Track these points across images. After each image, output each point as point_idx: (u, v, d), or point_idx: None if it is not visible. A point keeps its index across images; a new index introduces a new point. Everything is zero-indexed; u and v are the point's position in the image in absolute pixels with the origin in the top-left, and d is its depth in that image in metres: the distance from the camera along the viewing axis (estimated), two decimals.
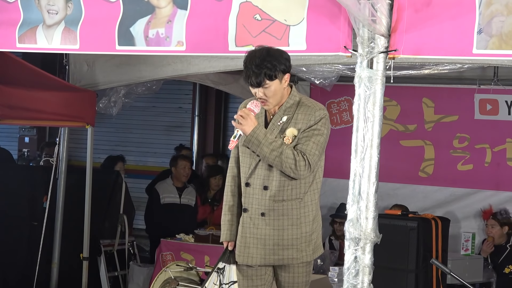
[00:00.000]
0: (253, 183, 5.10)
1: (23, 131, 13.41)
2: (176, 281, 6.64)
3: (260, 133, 4.96)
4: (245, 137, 4.99)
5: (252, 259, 5.12)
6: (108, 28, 5.74)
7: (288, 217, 5.07)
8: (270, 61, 4.93)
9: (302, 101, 5.12)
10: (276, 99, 5.04)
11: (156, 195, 9.65)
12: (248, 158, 5.13)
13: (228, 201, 5.27)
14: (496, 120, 9.18)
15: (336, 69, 8.11)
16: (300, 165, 4.94)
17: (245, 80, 5.01)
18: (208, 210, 9.88)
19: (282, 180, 5.04)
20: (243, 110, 5.03)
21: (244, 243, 5.14)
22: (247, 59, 4.98)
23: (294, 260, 5.09)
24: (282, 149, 4.94)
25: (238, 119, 4.98)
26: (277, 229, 5.07)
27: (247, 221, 5.13)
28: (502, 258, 8.54)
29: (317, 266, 7.70)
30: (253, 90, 5.02)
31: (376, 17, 4.80)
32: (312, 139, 5.01)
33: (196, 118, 12.71)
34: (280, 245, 5.08)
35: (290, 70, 5.05)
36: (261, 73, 4.93)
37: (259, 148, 4.96)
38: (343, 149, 5.56)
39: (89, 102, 7.85)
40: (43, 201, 8.26)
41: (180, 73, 7.41)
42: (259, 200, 5.08)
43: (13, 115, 7.29)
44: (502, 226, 8.62)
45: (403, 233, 7.14)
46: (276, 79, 4.98)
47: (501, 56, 4.77)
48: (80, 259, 8.08)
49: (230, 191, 5.28)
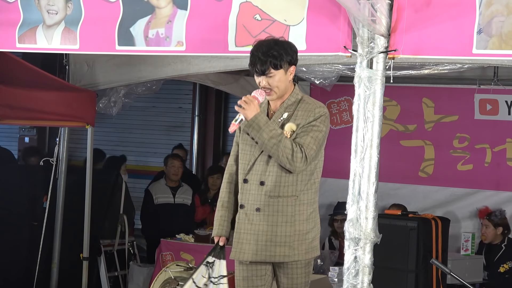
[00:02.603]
0: (251, 179, 5.10)
1: (23, 131, 13.41)
2: (176, 281, 6.64)
3: (262, 119, 4.96)
4: (247, 122, 4.99)
5: (244, 254, 5.12)
6: (108, 28, 5.74)
7: (282, 213, 5.07)
8: (277, 50, 4.95)
9: (303, 99, 5.13)
10: (280, 90, 5.05)
11: (150, 196, 9.65)
12: (248, 155, 5.14)
13: (223, 197, 5.29)
14: (496, 120, 9.19)
15: (336, 69, 8.12)
16: (297, 157, 4.94)
17: (250, 67, 5.01)
18: (208, 210, 9.87)
19: (279, 176, 5.04)
20: (247, 96, 5.03)
21: (238, 238, 5.14)
22: (254, 47, 4.99)
23: (286, 257, 5.07)
24: (281, 137, 4.95)
25: (241, 104, 4.98)
26: (271, 225, 5.07)
27: (242, 217, 5.14)
28: (497, 257, 8.54)
29: (317, 266, 7.71)
30: (258, 79, 5.02)
31: (376, 17, 4.80)
32: (310, 134, 5.01)
33: (196, 118, 12.71)
34: (272, 241, 5.07)
35: (296, 63, 5.05)
36: (267, 61, 4.93)
37: (259, 133, 4.95)
38: (343, 149, 5.56)
39: (89, 102, 7.86)
40: (43, 201, 8.27)
41: (180, 73, 7.41)
42: (255, 195, 5.09)
43: (13, 115, 7.30)
44: (496, 227, 8.62)
45: (403, 233, 7.14)
46: (281, 68, 4.98)
47: (501, 56, 4.77)
48: (80, 259, 8.09)
49: (226, 188, 5.29)
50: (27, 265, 8.35)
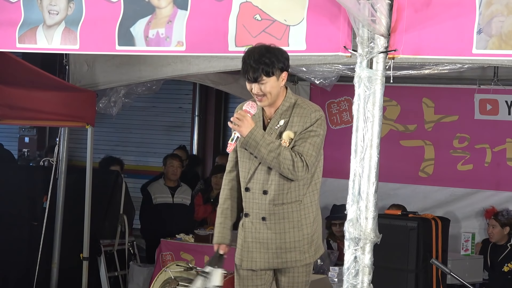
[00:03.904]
0: (253, 187, 5.10)
1: (23, 131, 13.41)
2: (176, 281, 6.64)
3: (258, 134, 4.95)
4: (243, 139, 4.98)
5: (256, 263, 5.13)
6: (108, 28, 5.74)
7: (289, 220, 5.07)
8: (269, 57, 4.93)
9: (297, 103, 5.11)
10: (272, 96, 5.03)
11: (148, 196, 9.65)
12: (247, 163, 5.13)
13: (222, 203, 5.28)
14: (496, 120, 9.19)
15: (336, 69, 8.11)
16: (298, 166, 4.94)
17: (243, 75, 5.00)
18: (209, 210, 9.87)
19: (281, 183, 5.04)
20: (239, 112, 5.03)
21: (247, 248, 5.14)
22: (246, 55, 4.98)
23: (298, 262, 5.10)
24: (280, 150, 4.94)
25: (234, 121, 4.97)
26: (279, 232, 5.08)
27: (248, 225, 5.14)
28: (502, 256, 8.53)
29: (317, 266, 7.70)
30: (249, 85, 5.01)
31: (376, 17, 4.80)
32: (309, 141, 5.00)
33: (196, 118, 12.71)
34: (282, 248, 5.08)
35: (288, 69, 5.05)
36: (258, 68, 4.92)
37: (257, 149, 4.95)
38: (343, 149, 5.56)
39: (89, 102, 7.85)
40: (43, 201, 8.26)
41: (180, 73, 7.41)
42: (259, 204, 5.09)
43: (13, 115, 7.29)
44: (503, 227, 8.61)
45: (403, 233, 7.14)
46: (273, 75, 4.97)
47: (501, 56, 4.77)
48: (80, 259, 8.09)
49: (225, 195, 5.28)
50: (27, 265, 8.35)
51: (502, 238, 8.62)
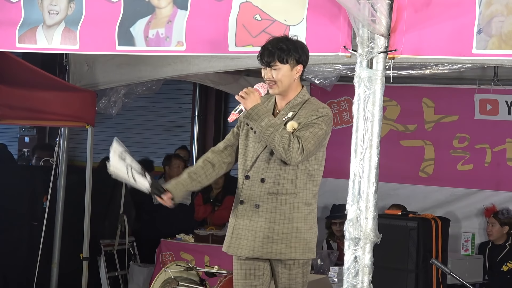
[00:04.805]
0: (253, 176, 5.12)
1: (23, 131, 13.40)
2: (176, 281, 6.63)
3: (261, 109, 4.98)
4: (246, 112, 5.00)
5: (241, 250, 5.13)
6: (108, 28, 5.75)
7: (281, 211, 5.07)
8: (287, 44, 4.98)
9: (309, 101, 5.14)
10: (283, 84, 5.05)
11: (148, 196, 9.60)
12: (250, 151, 5.15)
13: (192, 168, 5.24)
14: (496, 120, 9.18)
15: (336, 69, 8.11)
16: (293, 147, 4.92)
17: (258, 60, 5.03)
18: (209, 210, 9.86)
19: (279, 173, 5.05)
20: (249, 88, 5.07)
21: (237, 234, 5.15)
22: (266, 42, 5.02)
23: (282, 255, 5.07)
24: (279, 127, 4.96)
25: (242, 95, 5.00)
26: (269, 221, 5.08)
27: (241, 212, 5.15)
28: (501, 256, 8.54)
29: (317, 266, 7.71)
30: (264, 71, 5.05)
31: (376, 17, 4.80)
32: (310, 129, 5.01)
33: (196, 118, 12.71)
34: (270, 238, 5.07)
35: (305, 64, 5.07)
36: (274, 53, 4.95)
37: (257, 122, 4.96)
38: (343, 149, 5.56)
39: (89, 102, 7.85)
40: (43, 201, 8.27)
41: (180, 73, 7.41)
42: (256, 192, 5.10)
43: (13, 115, 7.30)
44: (502, 226, 8.61)
45: (403, 233, 7.14)
46: (287, 63, 5.00)
47: (501, 56, 4.77)
48: (80, 259, 8.09)
49: (202, 161, 5.26)
50: (27, 265, 8.35)
51: (501, 237, 8.63)
